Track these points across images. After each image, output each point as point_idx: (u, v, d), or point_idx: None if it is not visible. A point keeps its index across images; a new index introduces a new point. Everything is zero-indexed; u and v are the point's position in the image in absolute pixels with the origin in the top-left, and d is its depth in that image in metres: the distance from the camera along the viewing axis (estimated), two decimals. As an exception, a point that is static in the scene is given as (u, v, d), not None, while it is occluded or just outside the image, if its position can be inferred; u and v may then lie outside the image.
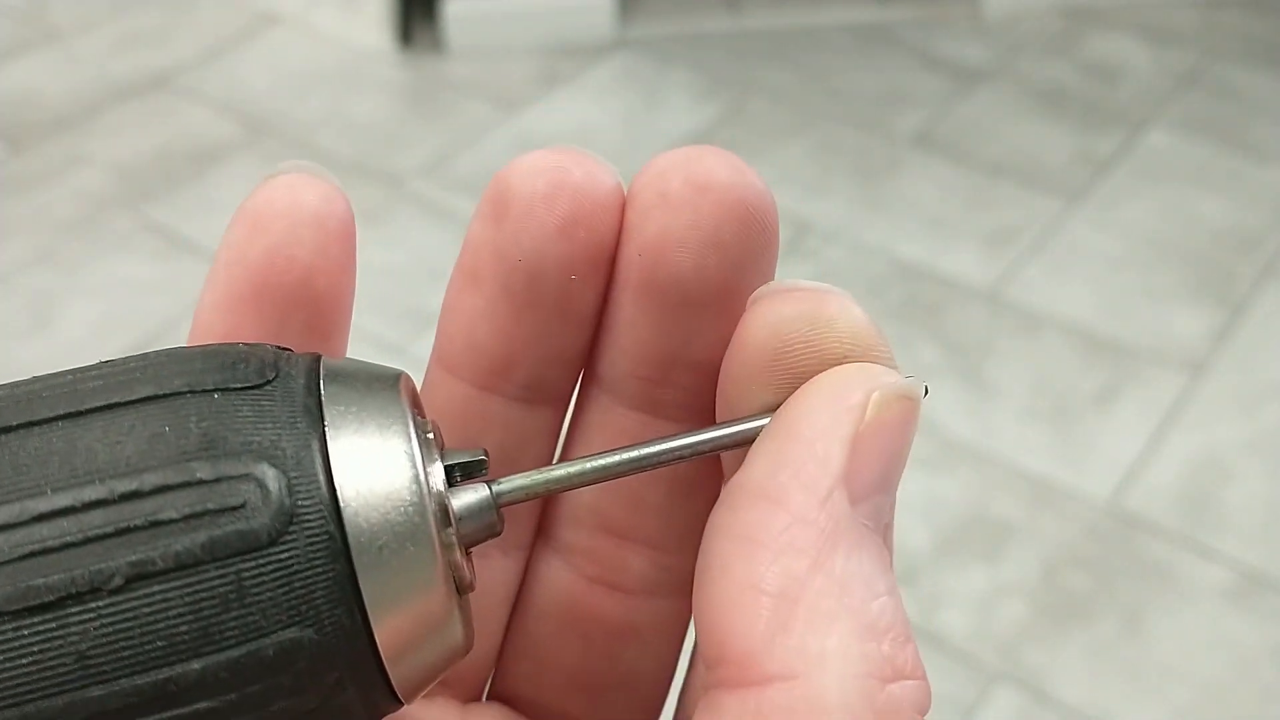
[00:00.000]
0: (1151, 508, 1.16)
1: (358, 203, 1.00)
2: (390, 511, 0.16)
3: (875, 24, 1.84)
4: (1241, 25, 1.83)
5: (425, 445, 0.17)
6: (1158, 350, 1.32)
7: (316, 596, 0.16)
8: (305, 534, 0.16)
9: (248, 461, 0.16)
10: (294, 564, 0.16)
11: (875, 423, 0.17)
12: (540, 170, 0.19)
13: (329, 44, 1.82)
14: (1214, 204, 1.51)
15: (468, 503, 0.18)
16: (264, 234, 0.19)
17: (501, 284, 0.19)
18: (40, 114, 1.67)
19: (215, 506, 0.16)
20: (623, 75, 1.75)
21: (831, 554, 0.16)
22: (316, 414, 0.17)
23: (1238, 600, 1.09)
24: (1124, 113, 1.66)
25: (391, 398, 0.17)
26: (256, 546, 0.15)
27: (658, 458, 0.18)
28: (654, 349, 0.19)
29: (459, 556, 0.17)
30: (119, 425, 0.16)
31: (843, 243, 1.46)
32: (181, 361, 0.17)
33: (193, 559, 0.15)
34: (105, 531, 0.15)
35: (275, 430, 0.16)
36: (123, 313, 1.37)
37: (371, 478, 0.16)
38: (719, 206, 0.18)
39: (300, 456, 0.16)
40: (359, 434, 0.17)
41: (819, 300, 0.18)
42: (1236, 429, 1.24)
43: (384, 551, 0.16)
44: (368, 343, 1.31)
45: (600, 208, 0.18)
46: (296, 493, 0.16)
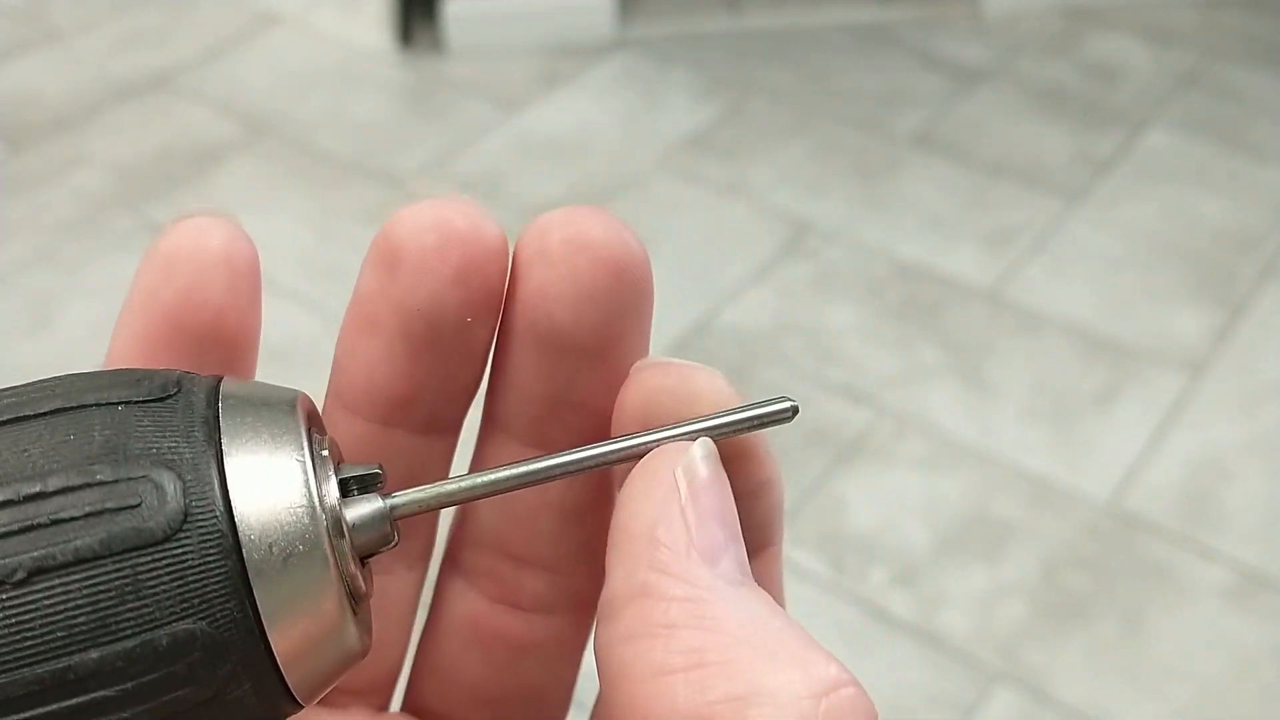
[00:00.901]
0: (1151, 508, 1.16)
1: (358, 203, 1.01)
2: (282, 514, 0.17)
3: (875, 24, 1.84)
4: (1241, 25, 1.83)
5: (320, 459, 0.18)
6: (1158, 350, 1.32)
7: (208, 590, 0.17)
8: (198, 532, 0.17)
9: (146, 465, 0.17)
10: (187, 559, 0.16)
11: (693, 490, 0.18)
12: (428, 223, 0.20)
13: (329, 44, 1.82)
14: (1214, 204, 1.51)
15: (362, 513, 0.18)
16: (175, 277, 0.20)
17: (400, 331, 0.20)
18: (40, 114, 1.67)
19: (114, 505, 0.16)
20: (623, 75, 1.75)
21: (717, 612, 0.17)
22: (214, 425, 0.18)
23: (1238, 600, 1.09)
24: (1124, 113, 1.66)
25: (287, 412, 0.18)
26: (152, 542, 0.16)
27: (546, 472, 0.19)
28: (539, 391, 0.21)
29: (353, 565, 0.18)
30: (28, 435, 0.17)
31: (843, 243, 1.46)
32: (89, 379, 0.18)
33: (91, 554, 0.16)
34: (10, 529, 0.16)
35: (174, 439, 0.17)
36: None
37: (264, 484, 0.17)
38: (593, 264, 0.19)
39: (196, 462, 0.17)
40: (254, 443, 0.18)
41: (687, 376, 0.20)
42: (1236, 429, 1.24)
43: (274, 550, 0.17)
44: (368, 343, 1.32)
45: (489, 255, 0.20)
46: (191, 494, 0.17)
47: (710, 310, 1.36)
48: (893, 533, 1.15)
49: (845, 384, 1.28)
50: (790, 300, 1.38)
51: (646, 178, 1.56)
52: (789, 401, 0.19)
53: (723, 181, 1.55)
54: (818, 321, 1.35)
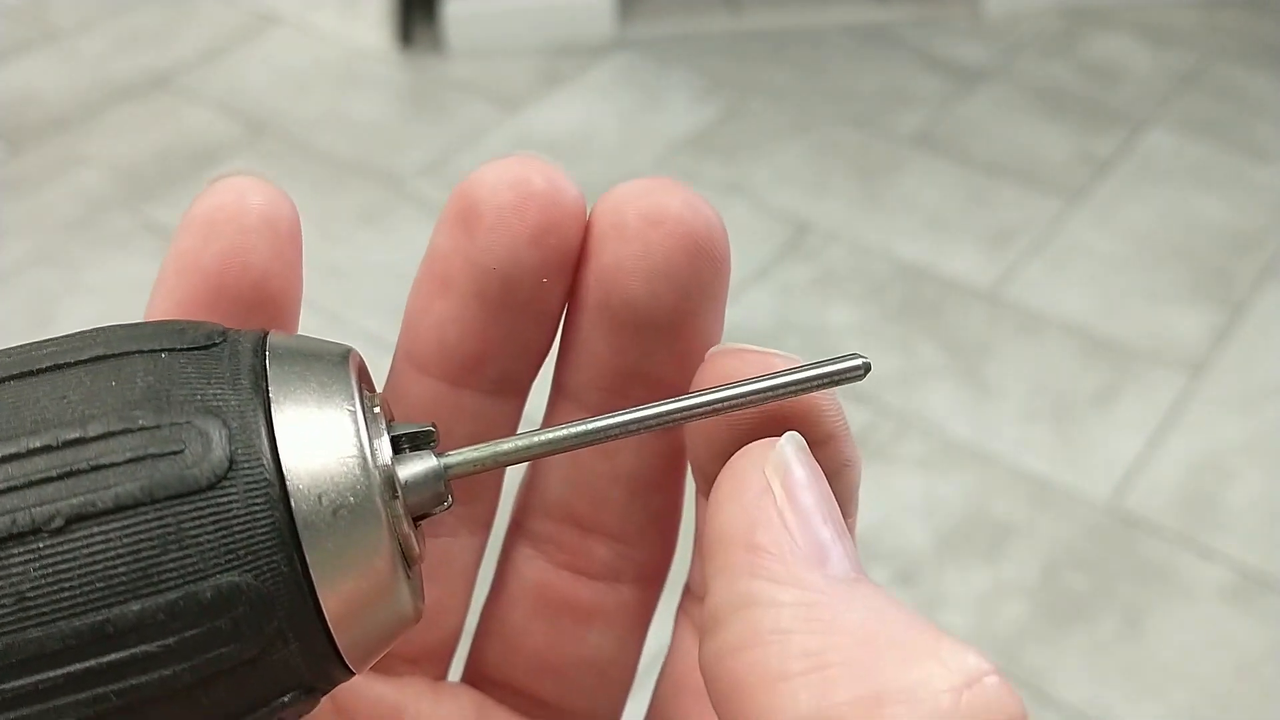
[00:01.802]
0: (1151, 508, 1.16)
1: (358, 203, 1.01)
2: (332, 464, 0.17)
3: (875, 24, 1.84)
4: (1241, 25, 1.83)
5: (371, 414, 0.18)
6: (1158, 350, 1.32)
7: (254, 541, 0.16)
8: (244, 481, 0.16)
9: (190, 412, 0.16)
10: (232, 509, 0.16)
11: (787, 488, 0.17)
12: (507, 182, 0.19)
13: (329, 44, 1.82)
14: (1214, 204, 1.51)
15: (415, 471, 0.18)
16: (216, 239, 0.19)
17: (475, 290, 0.20)
18: (40, 114, 1.67)
19: (156, 451, 0.16)
20: (623, 75, 1.75)
21: (833, 613, 0.16)
22: (261, 374, 0.17)
23: (1238, 600, 1.09)
24: (1124, 113, 1.66)
25: (338, 365, 0.18)
26: (195, 489, 0.16)
27: (605, 432, 0.18)
28: (610, 365, 0.20)
29: (406, 526, 0.17)
30: (67, 381, 0.16)
31: (843, 243, 1.46)
32: (132, 328, 0.17)
33: (132, 501, 0.15)
34: (48, 475, 0.16)
35: (219, 386, 0.17)
36: (123, 313, 1.37)
37: (313, 434, 0.17)
38: (669, 238, 0.19)
39: (242, 410, 0.16)
40: (302, 393, 0.17)
41: (766, 363, 0.19)
42: (1236, 429, 1.24)
43: (323, 501, 0.16)
44: (368, 342, 1.31)
45: (567, 215, 0.19)
46: (237, 442, 0.16)
47: (710, 310, 1.36)
48: (893, 532, 1.15)
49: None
50: (790, 300, 1.38)
51: (646, 178, 1.55)
52: (860, 358, 0.18)
53: (723, 181, 1.55)
54: (818, 321, 1.35)
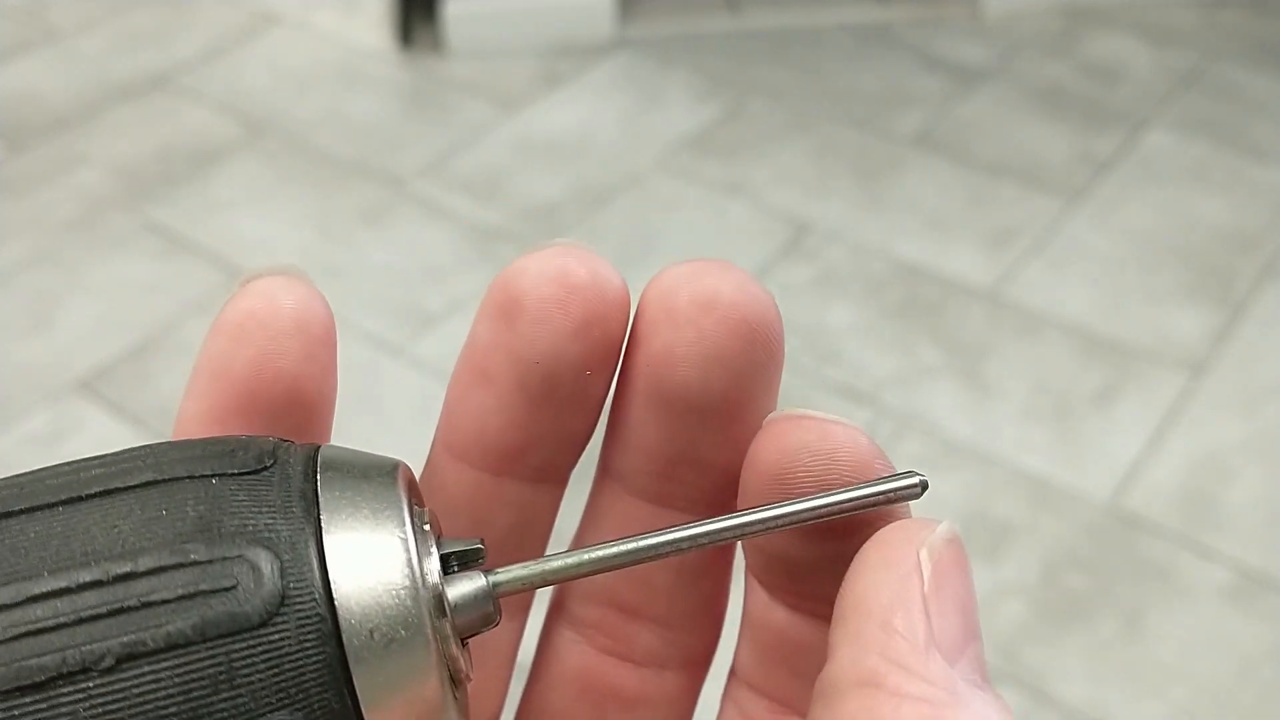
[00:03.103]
0: (1151, 508, 1.16)
1: (358, 203, 1.01)
2: (383, 596, 0.16)
3: (875, 24, 1.84)
4: (1241, 25, 1.83)
5: (421, 534, 0.17)
6: (1158, 350, 1.32)
7: (306, 679, 0.16)
8: (296, 616, 0.16)
9: (242, 544, 0.16)
10: (284, 646, 0.16)
11: (936, 576, 0.17)
12: (549, 274, 0.19)
13: (329, 44, 1.82)
14: (1214, 204, 1.51)
15: (464, 592, 0.18)
16: (247, 346, 0.19)
17: (516, 383, 0.20)
18: (40, 114, 1.67)
19: (208, 588, 0.16)
20: (623, 75, 1.75)
21: (955, 718, 0.15)
22: (312, 500, 0.17)
23: (1238, 600, 1.09)
24: (1124, 113, 1.66)
25: (388, 485, 0.17)
26: (247, 627, 0.16)
27: (654, 550, 0.18)
28: (661, 449, 0.20)
29: (454, 647, 0.17)
30: (117, 509, 0.16)
31: (843, 243, 1.46)
32: (181, 449, 0.17)
33: (184, 639, 0.15)
34: (99, 612, 0.15)
35: (270, 515, 0.16)
36: (123, 313, 1.37)
37: (365, 563, 0.16)
38: (723, 324, 0.19)
39: (294, 540, 0.16)
40: (353, 520, 0.17)
41: (825, 432, 0.18)
42: (1236, 429, 1.24)
43: (375, 635, 0.16)
44: (368, 343, 1.31)
45: (611, 306, 0.19)
46: (289, 575, 0.16)
47: (710, 310, 1.36)
48: (893, 533, 1.14)
49: (845, 384, 1.28)
50: (790, 300, 1.38)
51: (646, 178, 1.56)
52: (918, 476, 0.18)
53: (722, 181, 1.55)
54: (818, 321, 1.35)
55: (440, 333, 1.34)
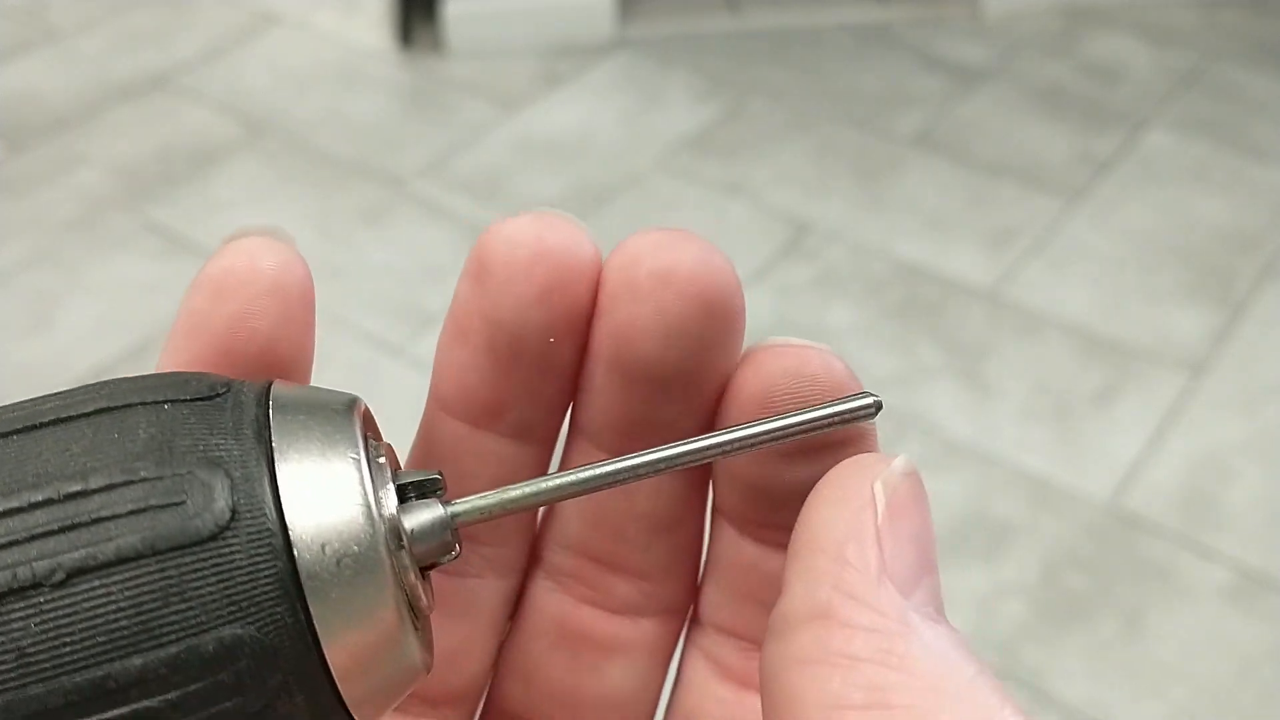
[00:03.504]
0: (1151, 508, 1.16)
1: (358, 203, 1.01)
2: (335, 515, 0.16)
3: (875, 24, 1.84)
4: (1241, 25, 1.83)
5: (376, 465, 0.17)
6: (1158, 350, 1.32)
7: (257, 593, 0.16)
8: (247, 531, 0.16)
9: (192, 463, 0.16)
10: (235, 559, 0.16)
11: (891, 509, 0.17)
12: (520, 240, 0.20)
13: (329, 44, 1.82)
14: (1214, 204, 1.51)
15: (421, 521, 0.17)
16: (225, 302, 0.20)
17: (487, 342, 0.20)
18: (40, 114, 1.67)
19: (158, 503, 0.16)
20: (623, 75, 1.75)
21: (906, 650, 0.15)
22: (264, 424, 0.17)
23: (1238, 600, 1.09)
24: (1124, 113, 1.66)
25: (342, 414, 0.18)
26: (197, 541, 0.16)
27: (609, 477, 0.18)
28: (624, 414, 0.20)
29: (413, 575, 0.17)
30: (70, 435, 0.16)
31: (843, 243, 1.46)
32: (136, 380, 0.17)
33: (134, 553, 0.15)
34: (49, 529, 0.15)
35: (221, 436, 0.17)
36: (123, 313, 1.37)
37: (317, 484, 0.16)
38: (681, 298, 0.19)
39: (245, 460, 0.16)
40: (306, 443, 0.17)
41: (803, 356, 0.19)
42: (1236, 429, 1.24)
43: (327, 550, 0.16)
44: (368, 343, 1.31)
45: (577, 275, 0.19)
46: (239, 492, 0.16)
47: (710, 310, 1.36)
48: (893, 533, 1.14)
49: (845, 384, 1.28)
50: (790, 300, 1.38)
51: (646, 178, 1.56)
52: (872, 397, 0.18)
53: (722, 181, 1.55)
54: (818, 321, 1.35)
55: (440, 333, 1.33)
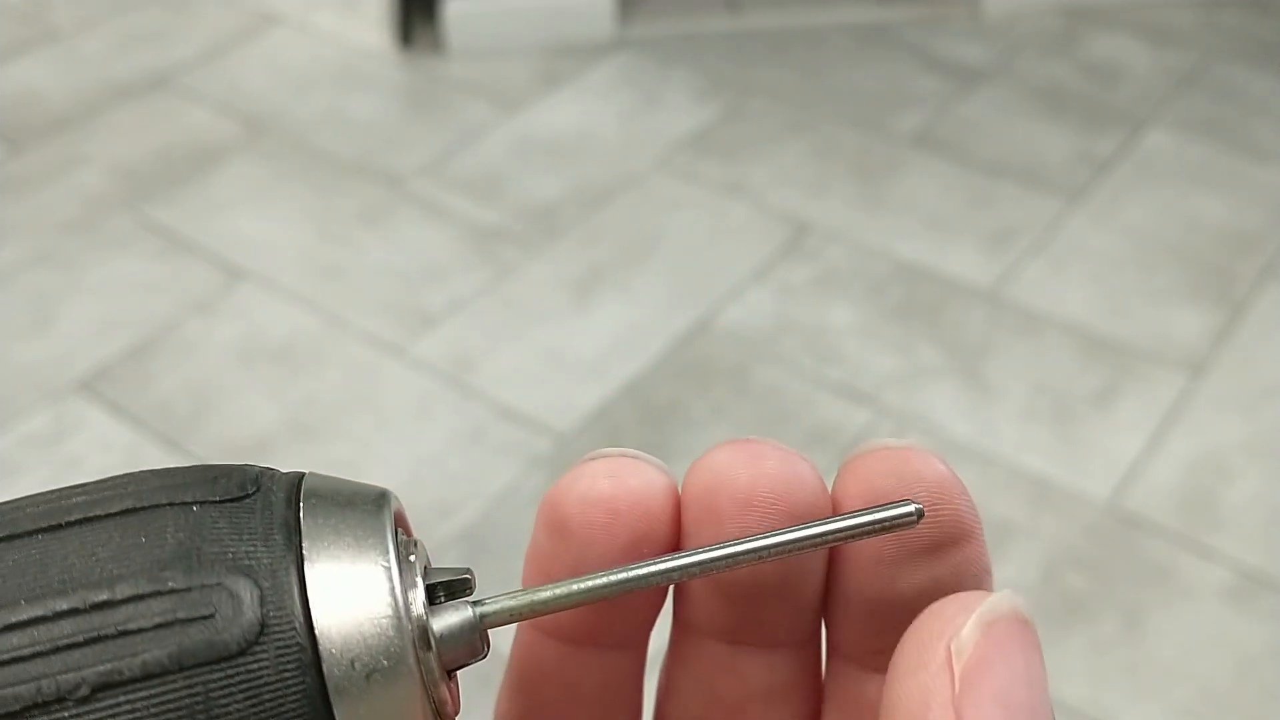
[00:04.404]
0: (1151, 508, 1.16)
1: (358, 203, 1.01)
2: (365, 626, 0.16)
3: (875, 24, 1.84)
4: (1241, 25, 1.83)
5: (406, 564, 0.17)
6: (1158, 350, 1.32)
7: (285, 710, 0.15)
8: (276, 645, 0.15)
9: (221, 572, 0.16)
10: (263, 676, 0.15)
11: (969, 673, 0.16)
12: (595, 499, 0.19)
13: (329, 44, 1.82)
14: (1214, 204, 1.51)
15: (449, 624, 0.17)
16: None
17: None
18: (40, 114, 1.67)
19: (186, 616, 0.15)
20: (623, 75, 1.75)
21: None
22: (294, 528, 0.17)
23: (1238, 600, 1.09)
24: (1124, 113, 1.66)
25: (373, 514, 0.17)
26: (225, 656, 0.15)
27: (643, 580, 0.18)
28: (725, 621, 0.20)
29: (440, 680, 0.17)
30: (96, 537, 0.16)
31: (843, 243, 1.46)
32: (163, 477, 0.17)
33: (160, 668, 0.15)
34: (75, 640, 0.15)
35: (251, 543, 0.16)
36: (123, 313, 1.37)
37: (347, 593, 0.16)
38: (766, 519, 0.19)
39: (275, 569, 0.16)
40: (336, 548, 0.17)
41: (904, 458, 0.19)
42: (1236, 429, 1.24)
43: (356, 666, 0.16)
44: (368, 343, 1.31)
45: (658, 520, 0.19)
46: (269, 604, 0.16)
47: (710, 310, 1.36)
48: (893, 533, 1.14)
49: (845, 384, 1.28)
50: (790, 300, 1.38)
51: (646, 178, 1.56)
52: (913, 505, 0.18)
53: (722, 181, 1.55)
54: (818, 321, 1.35)
55: (440, 333, 1.34)
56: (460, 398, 1.27)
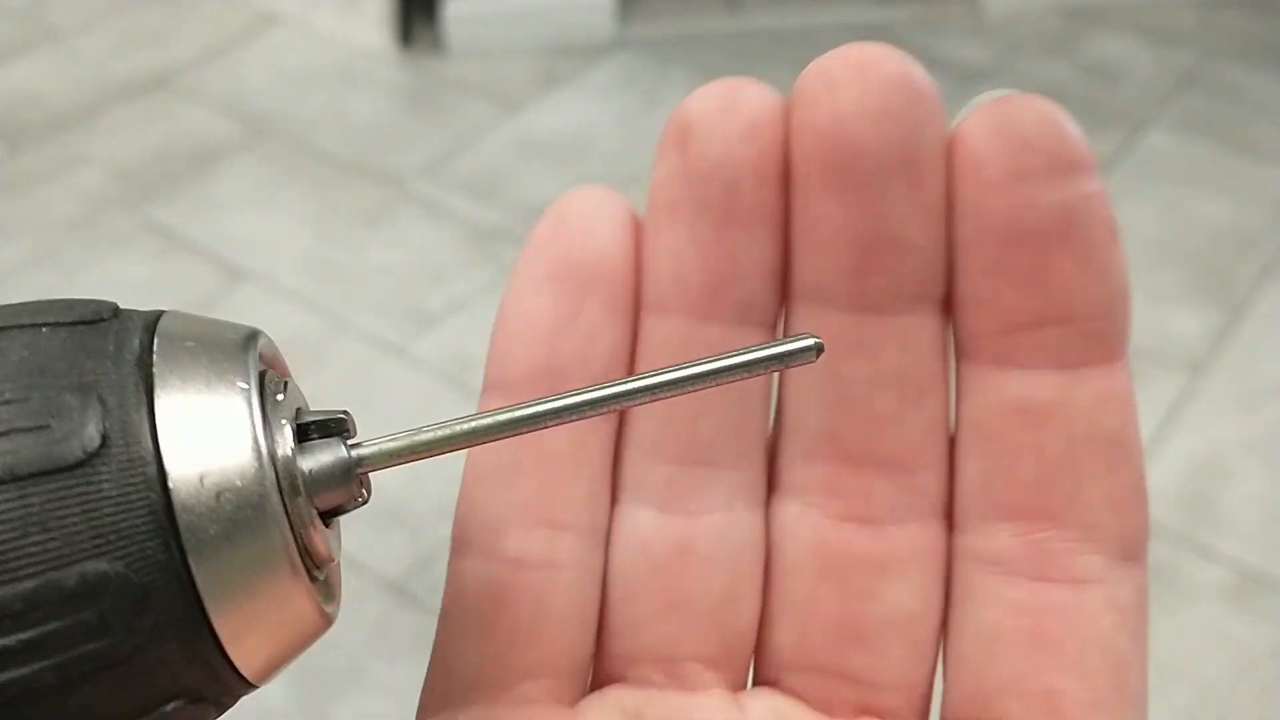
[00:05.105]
0: (1152, 508, 1.16)
1: (358, 203, 1.01)
2: (216, 446, 0.15)
3: (875, 24, 1.84)
4: (1241, 25, 1.83)
5: (273, 401, 0.16)
6: (1158, 350, 1.32)
7: (126, 526, 0.14)
8: (117, 459, 0.15)
9: (62, 386, 0.15)
10: (104, 489, 0.14)
11: None
12: (713, 94, 0.20)
13: (329, 44, 1.82)
14: (1214, 204, 1.51)
15: (321, 463, 0.16)
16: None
17: (699, 205, 0.20)
18: (40, 114, 1.67)
19: (21, 426, 0.14)
20: (623, 75, 1.75)
21: None
22: (147, 349, 0.16)
23: (1238, 600, 1.09)
24: (1124, 113, 1.66)
25: (236, 345, 0.16)
26: (62, 467, 0.14)
27: (536, 419, 0.17)
28: (851, 235, 0.19)
29: (310, 521, 0.16)
30: None
31: (843, 243, 1.46)
32: (21, 306, 0.16)
33: None
34: None
35: (99, 360, 0.15)
36: (123, 313, 1.37)
37: (199, 413, 0.15)
38: (884, 80, 0.19)
39: (121, 385, 0.15)
40: (191, 371, 0.16)
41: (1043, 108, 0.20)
42: (1236, 429, 1.24)
43: (204, 482, 0.15)
44: (368, 342, 1.31)
45: (772, 112, 0.19)
46: (111, 417, 0.15)
47: (710, 310, 1.36)
48: (893, 533, 1.14)
49: (845, 384, 1.28)
50: (790, 300, 1.38)
51: (647, 177, 1.55)
52: (812, 338, 0.17)
53: (723, 181, 1.55)
54: (818, 321, 1.35)
55: (440, 333, 1.34)
56: (460, 398, 1.27)
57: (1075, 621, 0.19)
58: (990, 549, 0.20)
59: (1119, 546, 0.20)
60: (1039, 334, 0.19)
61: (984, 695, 0.19)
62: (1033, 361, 0.19)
